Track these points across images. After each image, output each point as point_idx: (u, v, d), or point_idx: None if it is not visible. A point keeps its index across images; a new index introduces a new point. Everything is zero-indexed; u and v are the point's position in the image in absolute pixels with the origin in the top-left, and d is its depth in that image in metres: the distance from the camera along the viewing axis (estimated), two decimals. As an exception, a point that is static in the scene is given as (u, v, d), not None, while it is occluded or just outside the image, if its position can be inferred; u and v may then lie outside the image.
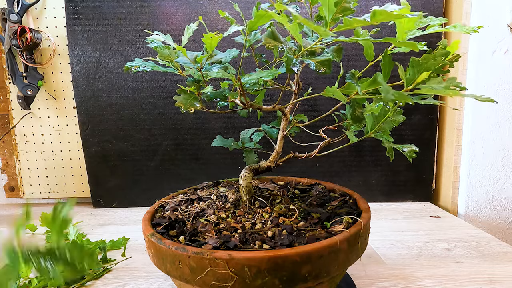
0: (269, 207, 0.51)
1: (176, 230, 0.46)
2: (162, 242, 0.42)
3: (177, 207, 0.54)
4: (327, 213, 0.50)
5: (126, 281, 0.60)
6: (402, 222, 0.86)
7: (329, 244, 0.40)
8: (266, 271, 0.37)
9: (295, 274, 0.38)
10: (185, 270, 0.40)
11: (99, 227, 0.86)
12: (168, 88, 0.95)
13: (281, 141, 0.55)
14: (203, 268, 0.38)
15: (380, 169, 0.99)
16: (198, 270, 0.39)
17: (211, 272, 0.38)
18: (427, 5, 0.91)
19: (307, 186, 0.62)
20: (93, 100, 0.96)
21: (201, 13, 0.91)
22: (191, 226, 0.47)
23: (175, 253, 0.40)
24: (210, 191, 0.58)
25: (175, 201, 0.56)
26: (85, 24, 0.92)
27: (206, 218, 0.49)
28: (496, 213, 0.92)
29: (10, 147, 1.03)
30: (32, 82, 0.96)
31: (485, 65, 0.87)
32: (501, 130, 0.90)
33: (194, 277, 0.39)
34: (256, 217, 0.48)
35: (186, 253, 0.39)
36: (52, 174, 1.04)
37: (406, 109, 0.95)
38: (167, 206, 0.54)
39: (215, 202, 0.53)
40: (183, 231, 0.46)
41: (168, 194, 0.60)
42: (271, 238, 0.43)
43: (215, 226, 0.46)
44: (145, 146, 0.98)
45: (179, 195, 0.58)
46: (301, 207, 0.52)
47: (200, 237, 0.44)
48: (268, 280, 0.38)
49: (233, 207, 0.51)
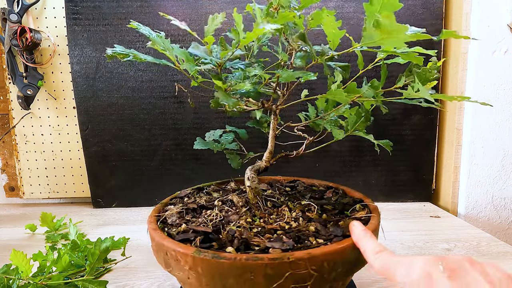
0: (285, 206, 0.51)
1: (216, 242, 0.42)
2: (221, 256, 0.38)
3: (187, 218, 0.49)
4: (337, 204, 0.53)
5: (126, 281, 0.60)
6: (402, 222, 0.86)
7: (375, 226, 0.44)
8: (340, 262, 0.39)
9: (358, 259, 0.41)
10: (258, 281, 0.37)
11: (99, 227, 0.86)
12: (168, 88, 0.95)
13: (272, 141, 0.55)
14: (283, 273, 0.37)
15: (380, 169, 0.99)
16: (275, 277, 0.37)
17: (291, 276, 0.37)
18: (427, 5, 0.91)
19: (289, 183, 0.64)
20: (93, 100, 0.95)
21: (201, 13, 0.91)
22: (227, 235, 0.44)
23: (246, 264, 0.37)
24: (203, 198, 0.56)
25: (174, 213, 0.51)
26: (85, 24, 0.92)
27: (236, 225, 0.46)
28: (496, 213, 0.92)
29: (10, 147, 1.03)
30: (32, 82, 0.96)
31: (485, 65, 0.87)
32: (501, 130, 0.90)
33: (269, 285, 0.37)
34: (285, 216, 0.48)
35: (261, 261, 0.37)
36: (52, 174, 1.04)
37: (406, 109, 0.95)
38: (170, 219, 0.49)
39: (224, 208, 0.51)
40: (223, 242, 0.42)
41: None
42: (315, 233, 0.44)
43: (250, 231, 0.45)
44: (145, 146, 0.98)
45: (169, 206, 0.54)
46: (311, 202, 0.53)
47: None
48: (340, 270, 0.40)
49: (248, 211, 0.51)
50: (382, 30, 0.33)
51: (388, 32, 0.33)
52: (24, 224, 0.82)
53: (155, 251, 0.45)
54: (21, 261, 0.53)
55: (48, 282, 0.54)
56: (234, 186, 0.61)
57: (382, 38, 0.34)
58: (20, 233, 0.83)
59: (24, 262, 0.53)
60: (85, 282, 0.55)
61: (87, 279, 0.56)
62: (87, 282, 0.55)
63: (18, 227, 0.87)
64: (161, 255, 0.43)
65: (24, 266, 0.54)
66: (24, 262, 0.53)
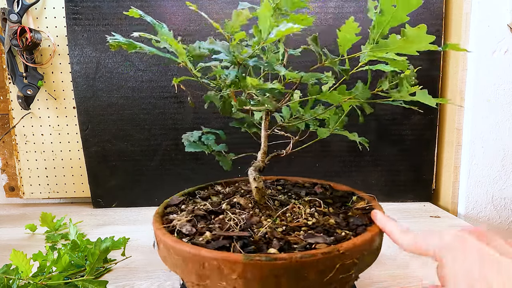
0: (292, 204, 0.52)
1: (254, 245, 0.41)
2: (275, 258, 0.37)
3: (201, 226, 0.47)
4: (334, 197, 0.56)
5: (126, 281, 0.60)
6: (402, 222, 0.86)
7: (385, 214, 0.48)
8: (370, 249, 0.43)
9: (380, 246, 0.46)
10: (311, 277, 0.38)
11: (99, 227, 0.86)
12: (168, 88, 0.95)
13: (265, 141, 0.55)
14: (334, 266, 0.38)
15: (380, 169, 0.99)
16: (327, 270, 0.38)
17: (341, 267, 0.39)
18: (427, 5, 0.91)
19: (273, 181, 0.65)
20: (93, 100, 0.95)
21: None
22: (260, 237, 0.43)
23: (300, 262, 0.37)
24: (208, 203, 0.54)
25: (184, 222, 0.47)
26: (85, 24, 0.92)
27: (261, 226, 0.46)
28: (496, 213, 0.92)
29: (10, 147, 1.03)
30: (32, 82, 0.96)
31: (485, 65, 0.87)
32: (501, 130, 0.90)
33: (321, 280, 0.38)
34: (301, 213, 0.49)
35: (315, 257, 0.37)
36: (52, 174, 1.04)
37: (407, 110, 0.95)
38: (185, 229, 0.45)
39: (235, 211, 0.50)
40: (260, 245, 0.41)
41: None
42: (336, 225, 0.46)
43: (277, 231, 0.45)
44: (145, 146, 0.98)
45: (172, 215, 0.51)
46: (313, 197, 0.54)
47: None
48: (368, 257, 0.43)
49: (260, 211, 0.51)
50: (407, 39, 0.35)
51: (412, 42, 0.36)
52: (24, 224, 0.82)
53: (183, 265, 0.41)
54: (21, 261, 0.53)
55: (48, 282, 0.54)
56: (225, 189, 0.61)
57: (400, 46, 0.37)
58: (20, 233, 0.83)
59: (24, 262, 0.53)
60: (85, 282, 0.55)
61: (87, 279, 0.56)
62: (87, 282, 0.55)
63: (18, 227, 0.87)
64: (192, 268, 0.40)
65: (24, 266, 0.54)
66: (24, 262, 0.53)
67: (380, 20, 0.37)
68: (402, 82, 0.45)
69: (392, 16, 0.36)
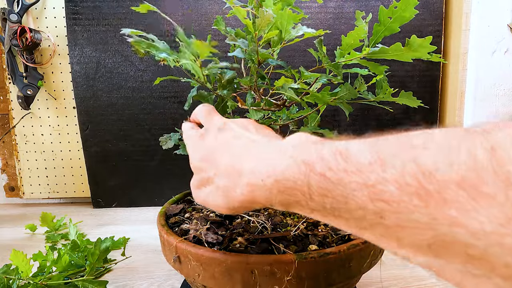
0: None
1: (294, 246, 0.42)
2: (327, 253, 0.38)
3: (223, 233, 0.46)
4: None
5: (126, 281, 0.60)
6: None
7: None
8: None
9: None
10: (354, 266, 0.41)
11: (99, 227, 0.86)
12: (168, 88, 0.95)
13: None
14: (368, 254, 0.42)
15: (380, 169, 0.99)
16: (363, 258, 0.42)
17: (373, 253, 0.43)
18: (427, 5, 0.91)
19: None
20: (93, 100, 0.95)
21: (201, 13, 0.91)
22: (293, 237, 0.45)
23: (348, 253, 0.40)
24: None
25: (204, 231, 0.46)
26: (85, 24, 0.92)
27: (288, 225, 0.47)
28: (496, 213, 0.92)
29: (10, 147, 1.03)
30: (32, 82, 0.96)
31: (485, 65, 0.87)
32: (501, 130, 0.90)
33: (360, 268, 0.42)
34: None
35: (358, 247, 0.41)
36: (52, 174, 1.04)
37: (407, 110, 0.95)
38: (210, 238, 0.43)
39: (248, 213, 0.50)
40: (296, 244, 0.43)
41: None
42: None
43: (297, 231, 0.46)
44: (145, 146, 0.98)
45: (183, 226, 0.48)
46: None
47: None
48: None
49: (273, 211, 0.51)
50: (410, 48, 0.37)
51: (415, 51, 0.38)
52: (24, 224, 0.82)
53: (225, 278, 0.39)
54: (21, 261, 0.53)
55: (48, 282, 0.54)
56: None
57: (399, 54, 0.39)
58: (20, 233, 0.83)
59: (24, 262, 0.53)
60: (85, 282, 0.55)
61: (87, 279, 0.56)
62: (87, 282, 0.55)
63: (18, 227, 0.87)
64: (237, 276, 0.38)
65: (24, 266, 0.54)
66: (24, 262, 0.53)
67: (377, 29, 0.41)
68: (381, 84, 0.47)
69: (387, 27, 0.40)
